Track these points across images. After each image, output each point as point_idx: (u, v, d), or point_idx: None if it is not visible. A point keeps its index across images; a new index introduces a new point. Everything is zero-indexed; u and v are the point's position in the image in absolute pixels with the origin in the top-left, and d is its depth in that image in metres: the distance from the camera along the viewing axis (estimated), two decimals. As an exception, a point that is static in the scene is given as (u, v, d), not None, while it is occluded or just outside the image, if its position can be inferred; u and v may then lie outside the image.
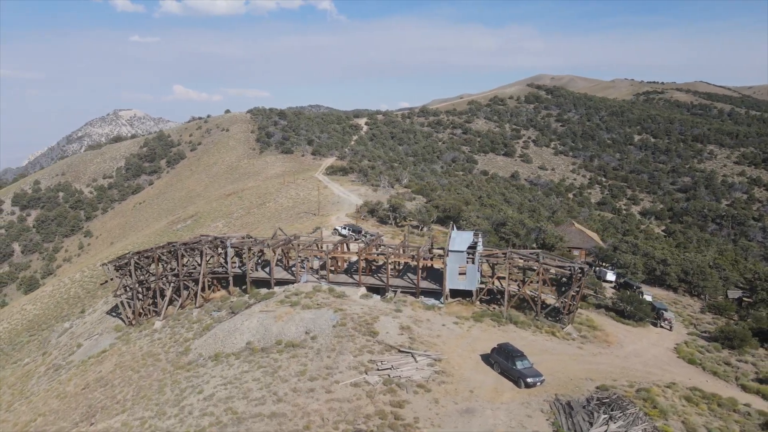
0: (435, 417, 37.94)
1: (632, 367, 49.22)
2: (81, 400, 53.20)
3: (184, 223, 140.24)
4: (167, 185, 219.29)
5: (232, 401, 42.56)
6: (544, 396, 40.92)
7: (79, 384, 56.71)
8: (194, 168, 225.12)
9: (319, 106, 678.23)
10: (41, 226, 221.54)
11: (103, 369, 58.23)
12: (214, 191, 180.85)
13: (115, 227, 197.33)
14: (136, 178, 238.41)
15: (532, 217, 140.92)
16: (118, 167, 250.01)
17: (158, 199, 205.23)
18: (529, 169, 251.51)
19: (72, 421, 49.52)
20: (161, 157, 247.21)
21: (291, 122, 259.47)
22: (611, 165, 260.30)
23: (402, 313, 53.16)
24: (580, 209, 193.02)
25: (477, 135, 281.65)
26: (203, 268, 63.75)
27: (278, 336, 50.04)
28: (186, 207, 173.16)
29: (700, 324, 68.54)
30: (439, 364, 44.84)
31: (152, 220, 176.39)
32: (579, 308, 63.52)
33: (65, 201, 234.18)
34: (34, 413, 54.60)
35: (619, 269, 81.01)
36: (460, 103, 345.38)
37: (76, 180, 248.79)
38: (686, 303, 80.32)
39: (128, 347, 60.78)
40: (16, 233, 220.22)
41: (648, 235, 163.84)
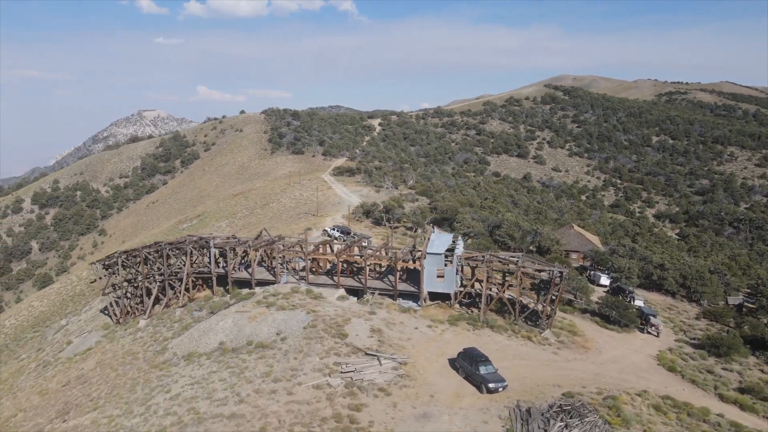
0: (390, 421, 37.69)
1: (606, 373, 48.33)
2: (60, 397, 54.14)
3: (190, 222, 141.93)
4: (180, 185, 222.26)
5: (196, 401, 42.85)
6: (505, 402, 40.37)
7: (61, 381, 57.74)
8: (207, 168, 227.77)
9: (339, 107, 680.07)
10: (58, 224, 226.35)
11: (85, 366, 59.19)
12: (223, 191, 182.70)
13: (128, 226, 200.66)
14: (150, 177, 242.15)
15: (537, 219, 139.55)
16: (134, 167, 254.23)
17: (171, 199, 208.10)
18: (542, 171, 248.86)
19: (48, 418, 50.42)
20: (176, 157, 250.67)
21: (304, 123, 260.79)
22: (627, 167, 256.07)
23: (376, 316, 53.00)
24: (592, 211, 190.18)
25: (491, 136, 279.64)
26: (187, 268, 64.41)
27: (250, 336, 50.29)
28: (195, 206, 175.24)
29: (692, 331, 67.07)
30: (404, 367, 44.57)
31: (163, 220, 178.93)
32: (564, 313, 62.75)
33: (82, 200, 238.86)
34: (16, 409, 55.76)
35: (614, 273, 79.59)
36: (476, 103, 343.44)
37: (94, 179, 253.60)
38: (682, 309, 78.63)
39: (112, 345, 61.68)
40: (34, 231, 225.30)
41: (659, 238, 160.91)
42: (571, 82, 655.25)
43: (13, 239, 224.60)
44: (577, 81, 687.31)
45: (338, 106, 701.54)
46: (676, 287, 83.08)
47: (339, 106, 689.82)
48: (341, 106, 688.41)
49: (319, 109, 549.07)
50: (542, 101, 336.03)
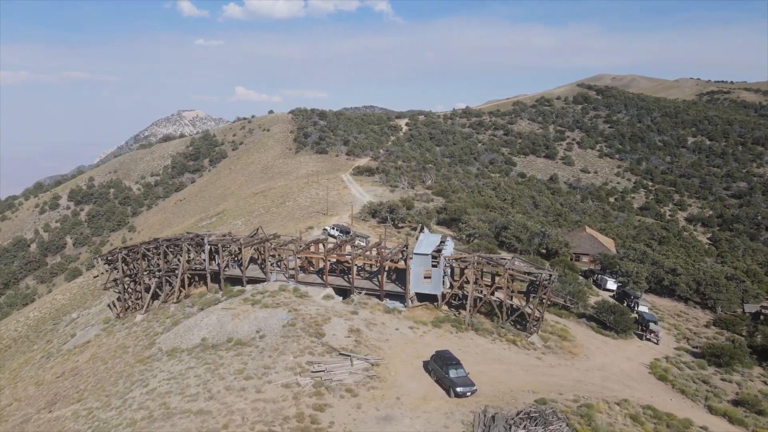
0: (351, 422, 37.31)
1: (589, 380, 46.83)
2: (53, 388, 55.69)
3: (209, 220, 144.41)
4: (207, 183, 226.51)
5: (169, 396, 43.34)
6: (473, 407, 39.47)
7: (57, 372, 59.41)
8: (233, 167, 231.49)
9: (373, 107, 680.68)
10: (92, 220, 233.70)
11: (80, 359, 60.75)
12: (246, 190, 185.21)
13: (156, 223, 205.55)
14: (180, 176, 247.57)
15: (556, 222, 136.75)
16: (165, 165, 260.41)
17: (197, 197, 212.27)
18: (570, 172, 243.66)
19: (37, 408, 51.91)
20: (205, 156, 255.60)
21: (330, 122, 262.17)
22: (660, 168, 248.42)
23: (357, 316, 52.67)
24: (618, 214, 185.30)
25: (518, 136, 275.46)
26: (183, 265, 65.39)
27: (230, 334, 50.65)
28: (218, 204, 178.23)
29: (697, 339, 64.57)
30: (376, 368, 44.12)
31: (188, 217, 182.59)
32: (559, 317, 61.23)
33: (115, 197, 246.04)
34: (12, 398, 57.64)
35: (621, 278, 77.21)
36: (505, 103, 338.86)
37: (126, 177, 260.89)
38: (693, 316, 75.77)
39: (108, 339, 63.13)
40: (69, 227, 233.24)
41: (687, 242, 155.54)
42: (609, 81, 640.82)
43: (49, 234, 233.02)
44: (616, 81, 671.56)
45: (372, 106, 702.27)
46: (688, 293, 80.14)
47: (373, 107, 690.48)
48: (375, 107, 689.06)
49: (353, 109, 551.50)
50: (574, 101, 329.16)
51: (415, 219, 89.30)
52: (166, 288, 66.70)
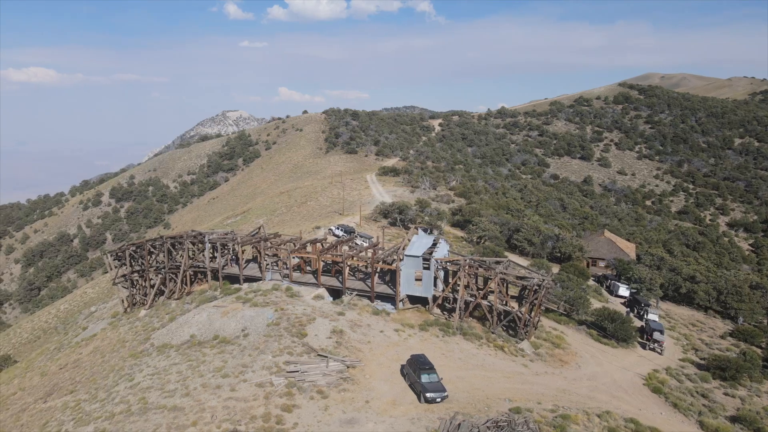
0: (315, 424, 37.15)
1: (575, 390, 45.26)
2: (53, 379, 57.66)
3: (234, 218, 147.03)
4: (239, 182, 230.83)
5: (149, 391, 44.17)
6: (442, 413, 38.68)
7: (61, 364, 61.50)
8: (265, 166, 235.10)
9: (413, 107, 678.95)
10: (131, 217, 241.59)
11: (84, 352, 62.72)
12: (274, 189, 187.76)
13: (189, 220, 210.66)
14: (214, 174, 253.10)
15: (582, 225, 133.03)
16: (201, 164, 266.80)
17: (229, 195, 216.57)
18: (605, 174, 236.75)
19: (35, 398, 53.84)
20: (239, 156, 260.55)
21: (362, 123, 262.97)
22: (702, 171, 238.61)
23: (344, 317, 52.46)
24: (653, 218, 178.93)
25: (554, 137, 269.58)
26: (185, 262, 66.65)
27: (217, 331, 51.28)
28: (247, 203, 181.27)
29: (707, 350, 61.62)
30: (352, 370, 43.82)
31: (218, 215, 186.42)
32: (558, 324, 59.50)
33: (153, 195, 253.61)
34: (18, 387, 59.99)
35: (633, 284, 74.44)
36: (542, 103, 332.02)
37: (165, 176, 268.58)
38: (711, 326, 72.48)
39: (111, 333, 64.95)
40: (109, 223, 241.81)
41: (723, 248, 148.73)
42: (658, 81, 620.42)
43: (91, 230, 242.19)
44: (665, 80, 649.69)
45: (413, 106, 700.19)
46: (708, 302, 76.67)
47: (413, 107, 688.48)
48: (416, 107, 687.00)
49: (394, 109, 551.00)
50: (614, 101, 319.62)
51: (424, 220, 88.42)
52: (170, 284, 68.10)
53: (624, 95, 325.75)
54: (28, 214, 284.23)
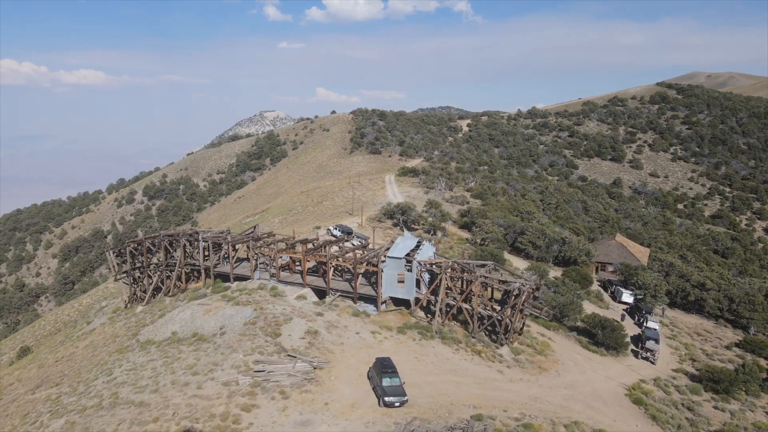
0: (270, 425, 37.15)
1: (548, 398, 43.96)
2: (47, 372, 59.52)
3: (253, 217, 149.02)
4: (265, 181, 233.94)
5: (122, 387, 45.09)
6: (401, 417, 38.16)
7: (57, 357, 63.44)
8: (291, 166, 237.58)
9: (449, 108, 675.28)
10: (161, 214, 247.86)
11: (80, 345, 64.54)
12: (297, 188, 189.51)
13: (215, 219, 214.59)
14: (242, 174, 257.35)
15: (602, 228, 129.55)
16: (230, 164, 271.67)
17: (254, 194, 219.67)
18: (636, 176, 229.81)
19: (26, 389, 55.68)
20: (267, 156, 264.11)
21: (389, 123, 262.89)
22: (741, 173, 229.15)
23: (322, 317, 52.37)
24: (683, 222, 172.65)
25: (584, 138, 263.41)
26: (180, 259, 67.80)
27: (197, 329, 51.95)
28: (269, 202, 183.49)
29: (708, 361, 58.97)
30: (319, 372, 43.68)
31: (241, 214, 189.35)
32: (547, 330, 58.05)
33: (183, 193, 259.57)
34: (16, 378, 62.16)
35: (637, 290, 71.98)
36: (575, 104, 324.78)
37: (195, 174, 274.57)
38: (719, 335, 69.49)
39: (108, 328, 66.65)
40: (141, 220, 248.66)
41: (755, 254, 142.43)
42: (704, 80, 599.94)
43: (123, 226, 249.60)
44: (711, 79, 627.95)
45: (448, 106, 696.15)
46: (719, 311, 73.54)
47: (449, 107, 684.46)
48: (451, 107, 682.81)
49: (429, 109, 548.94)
50: (650, 101, 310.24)
51: (428, 222, 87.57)
52: (167, 282, 69.38)
53: (661, 95, 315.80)
54: (67, 210, 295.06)
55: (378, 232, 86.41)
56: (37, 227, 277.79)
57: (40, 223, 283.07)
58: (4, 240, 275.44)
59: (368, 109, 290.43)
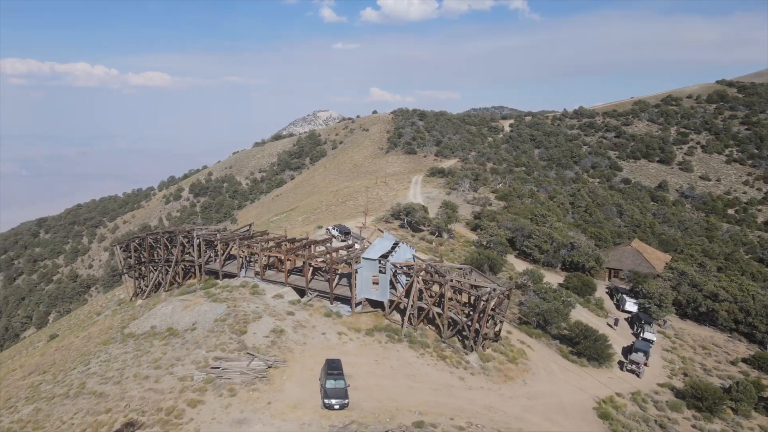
0: (208, 421, 37.71)
1: (504, 408, 42.59)
2: (44, 360, 62.64)
3: (280, 215, 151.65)
4: (302, 180, 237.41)
5: (91, 377, 46.94)
6: (339, 420, 37.90)
7: (57, 346, 66.63)
8: (328, 165, 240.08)
9: (502, 108, 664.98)
10: (204, 211, 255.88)
11: (80, 335, 67.57)
12: (329, 188, 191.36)
13: (252, 216, 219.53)
14: (282, 173, 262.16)
15: (634, 232, 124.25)
16: (271, 163, 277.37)
17: (291, 193, 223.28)
18: (685, 179, 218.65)
19: (22, 376, 58.76)
20: (307, 155, 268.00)
21: (428, 123, 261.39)
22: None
23: (293, 317, 52.67)
24: (730, 228, 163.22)
25: (631, 139, 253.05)
26: (177, 256, 69.79)
27: (172, 324, 53.33)
28: (302, 201, 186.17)
29: (705, 376, 55.59)
30: (273, 371, 44.00)
31: (275, 212, 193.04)
32: (529, 337, 56.25)
33: (226, 191, 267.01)
34: (18, 365, 65.70)
35: (641, 299, 68.63)
36: (625, 103, 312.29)
37: (239, 173, 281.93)
38: (728, 350, 65.50)
39: (108, 320, 69.52)
40: (185, 216, 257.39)
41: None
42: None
43: (169, 222, 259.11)
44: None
45: (502, 107, 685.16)
46: (733, 323, 69.22)
47: (502, 107, 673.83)
48: (505, 107, 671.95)
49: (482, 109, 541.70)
50: (707, 100, 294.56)
51: (432, 223, 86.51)
52: (165, 277, 71.58)
53: (720, 93, 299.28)
54: (121, 206, 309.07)
55: (382, 232, 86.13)
56: (93, 221, 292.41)
57: (96, 217, 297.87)
58: (63, 233, 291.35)
59: (409, 109, 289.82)
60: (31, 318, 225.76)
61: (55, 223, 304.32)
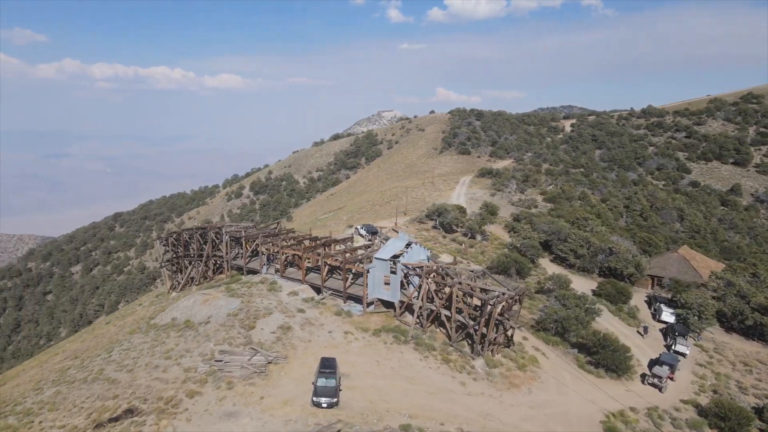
0: (201, 413, 38.86)
1: (501, 417, 41.33)
2: (83, 346, 66.52)
3: (327, 214, 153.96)
4: (356, 180, 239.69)
5: (110, 364, 49.46)
6: (327, 419, 38.05)
7: (96, 334, 70.58)
8: (382, 165, 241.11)
9: (571, 107, 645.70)
10: (263, 209, 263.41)
11: (118, 324, 71.28)
12: (380, 187, 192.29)
13: (306, 214, 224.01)
14: (338, 172, 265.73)
15: (693, 239, 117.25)
16: (328, 162, 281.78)
17: (344, 192, 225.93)
18: (762, 182, 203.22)
19: (59, 360, 62.68)
20: (363, 155, 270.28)
21: (485, 123, 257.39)
22: None
23: (303, 314, 53.30)
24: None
25: (703, 139, 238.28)
26: (207, 251, 72.28)
27: (190, 317, 55.27)
28: (353, 200, 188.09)
29: (740, 395, 51.71)
30: (273, 367, 44.78)
31: (324, 210, 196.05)
32: (547, 345, 54.31)
33: (284, 189, 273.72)
34: (61, 350, 70.06)
35: (678, 309, 64.62)
36: (699, 101, 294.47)
37: (297, 172, 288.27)
38: (776, 368, 60.21)
39: (144, 311, 72.91)
40: (245, 213, 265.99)
41: None
42: None
43: (229, 219, 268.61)
44: None
45: (570, 106, 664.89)
46: (784, 339, 63.97)
47: (571, 107, 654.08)
48: (573, 107, 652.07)
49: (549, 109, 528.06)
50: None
51: (465, 224, 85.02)
52: (198, 271, 74.30)
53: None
54: (188, 202, 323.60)
55: (414, 233, 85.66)
56: (162, 217, 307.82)
57: (165, 213, 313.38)
58: (135, 227, 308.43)
59: (466, 109, 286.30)
60: (103, 306, 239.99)
61: (129, 217, 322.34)
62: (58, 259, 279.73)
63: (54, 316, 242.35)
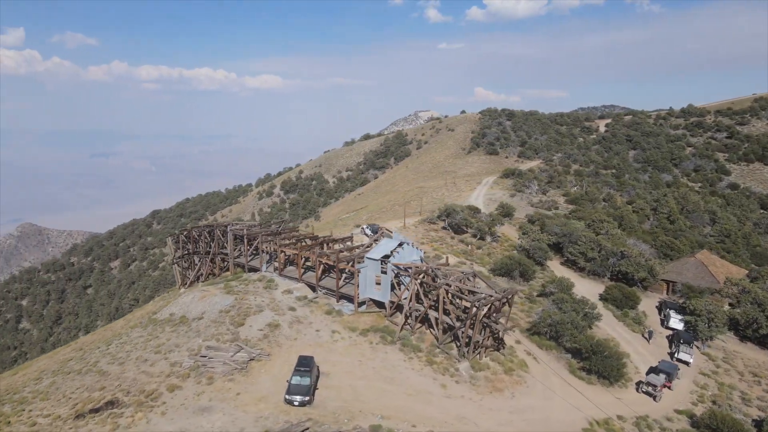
0: (177, 407, 39.66)
1: (477, 420, 40.75)
2: (92, 338, 68.71)
3: (349, 213, 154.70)
4: (384, 180, 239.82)
5: (105, 357, 51.00)
6: (298, 417, 38.29)
7: (106, 327, 72.78)
8: (410, 165, 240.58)
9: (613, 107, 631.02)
10: (292, 208, 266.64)
11: (127, 317, 73.37)
12: (405, 187, 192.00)
13: (334, 213, 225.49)
14: (367, 172, 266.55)
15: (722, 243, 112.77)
16: (358, 162, 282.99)
17: (372, 192, 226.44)
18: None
19: (67, 352, 64.92)
20: (392, 155, 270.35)
21: (516, 123, 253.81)
22: None
23: (294, 312, 53.73)
24: None
25: (745, 139, 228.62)
26: (214, 249, 73.62)
27: (186, 312, 56.45)
28: (378, 199, 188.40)
29: (742, 407, 49.53)
30: (255, 363, 45.31)
31: (349, 209, 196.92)
32: (539, 349, 53.27)
33: (314, 189, 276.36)
34: (75, 342, 72.50)
35: (689, 315, 62.26)
36: (743, 100, 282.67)
37: (327, 171, 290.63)
38: (789, 380, 57.40)
39: (151, 306, 74.80)
40: (275, 212, 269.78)
41: None
42: None
43: (260, 218, 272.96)
44: None
45: (613, 105, 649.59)
46: (801, 350, 60.92)
47: (614, 106, 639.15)
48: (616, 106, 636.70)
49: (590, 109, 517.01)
50: None
51: (474, 225, 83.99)
52: (205, 268, 75.79)
53: None
54: (222, 200, 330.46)
55: (424, 233, 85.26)
56: (197, 214, 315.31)
57: (200, 210, 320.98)
58: (171, 224, 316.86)
59: (497, 108, 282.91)
60: (137, 300, 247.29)
61: (166, 214, 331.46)
62: (99, 254, 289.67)
63: (92, 309, 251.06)
